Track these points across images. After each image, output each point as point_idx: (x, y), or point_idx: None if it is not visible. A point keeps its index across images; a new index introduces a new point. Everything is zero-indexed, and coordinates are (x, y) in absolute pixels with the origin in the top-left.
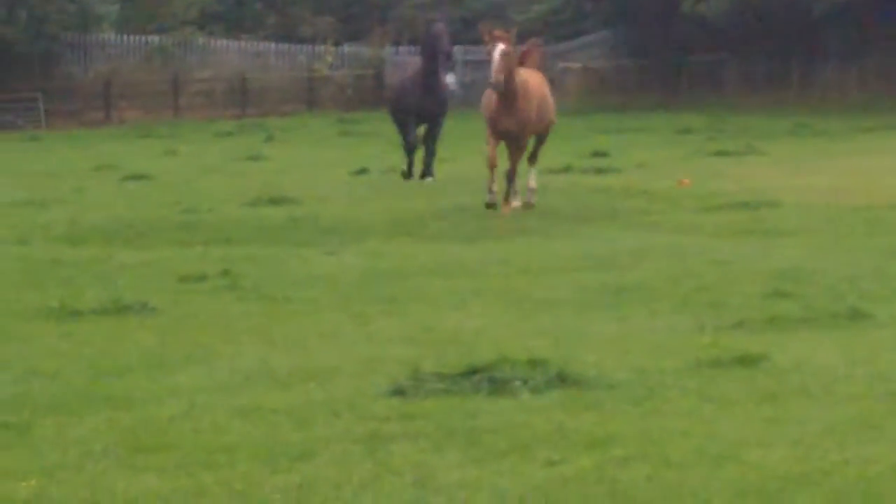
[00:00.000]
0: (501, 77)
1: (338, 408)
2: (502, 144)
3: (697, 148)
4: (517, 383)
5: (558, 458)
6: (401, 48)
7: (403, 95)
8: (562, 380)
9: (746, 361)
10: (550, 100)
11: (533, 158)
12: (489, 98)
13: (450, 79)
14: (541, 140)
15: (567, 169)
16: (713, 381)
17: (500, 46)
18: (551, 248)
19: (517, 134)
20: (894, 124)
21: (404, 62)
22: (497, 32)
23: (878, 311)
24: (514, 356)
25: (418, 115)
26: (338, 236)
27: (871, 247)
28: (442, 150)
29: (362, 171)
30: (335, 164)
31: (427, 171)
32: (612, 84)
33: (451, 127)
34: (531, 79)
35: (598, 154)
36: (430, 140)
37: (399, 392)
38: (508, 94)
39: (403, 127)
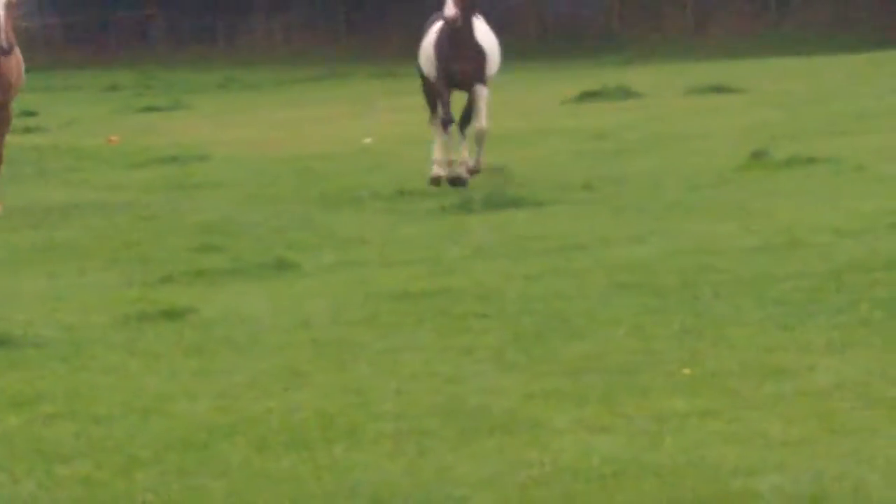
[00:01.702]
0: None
1: None
2: None
3: (126, 104)
4: None
5: None
6: None
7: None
8: None
9: (173, 314)
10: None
11: None
12: None
13: None
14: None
15: None
16: (140, 335)
17: None
18: None
19: None
20: (318, 76)
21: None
22: None
23: (304, 261)
24: None
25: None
26: None
27: (299, 197)
28: None
29: None
30: None
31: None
32: (39, 42)
33: None
34: None
35: (26, 113)
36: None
37: None
38: None
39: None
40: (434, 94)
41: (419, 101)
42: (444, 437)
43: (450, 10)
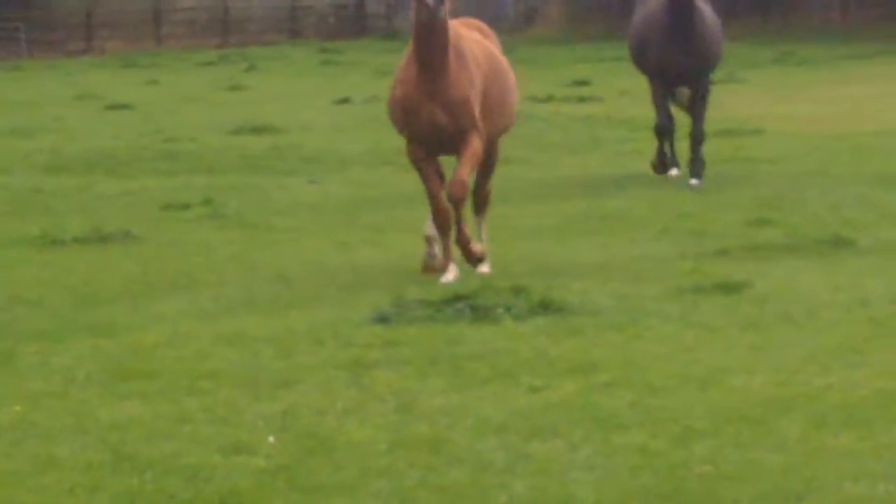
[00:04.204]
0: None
1: (321, 335)
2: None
3: None
4: (500, 310)
5: (541, 384)
6: None
7: (646, 45)
8: (544, 307)
9: (729, 288)
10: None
11: (479, 198)
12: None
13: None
14: (486, 160)
15: (549, 98)
16: (695, 307)
17: None
18: (533, 176)
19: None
20: (877, 52)
21: None
22: None
23: (860, 238)
24: (497, 283)
25: (667, 73)
26: (320, 165)
27: (854, 174)
28: None
29: (344, 100)
30: (317, 94)
31: (694, 168)
32: (595, 12)
33: None
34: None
35: (579, 83)
36: (694, 111)
37: (382, 319)
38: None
39: (654, 94)
40: None
41: None
42: None
43: None
